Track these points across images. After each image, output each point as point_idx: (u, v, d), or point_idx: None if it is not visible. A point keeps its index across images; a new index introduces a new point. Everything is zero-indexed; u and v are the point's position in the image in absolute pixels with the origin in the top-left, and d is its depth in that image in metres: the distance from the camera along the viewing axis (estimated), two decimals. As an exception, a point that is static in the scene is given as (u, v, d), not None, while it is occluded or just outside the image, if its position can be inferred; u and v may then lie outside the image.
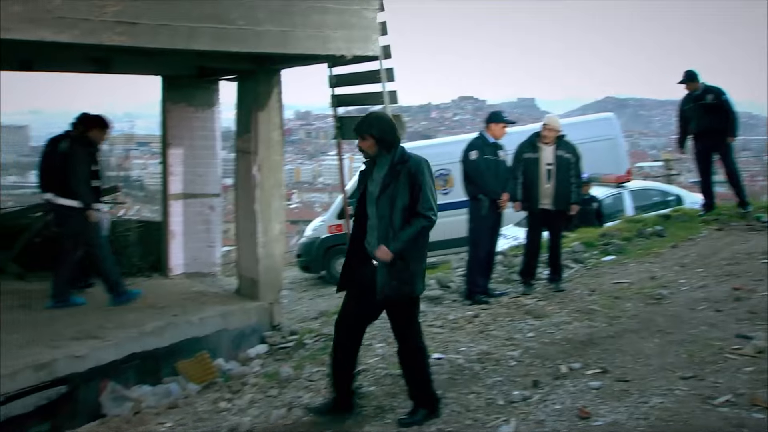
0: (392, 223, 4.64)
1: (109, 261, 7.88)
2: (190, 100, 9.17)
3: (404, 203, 4.63)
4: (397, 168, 4.66)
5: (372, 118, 4.81)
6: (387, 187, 4.66)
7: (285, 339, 7.71)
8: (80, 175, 7.54)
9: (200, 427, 5.46)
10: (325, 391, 5.59)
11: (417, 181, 4.63)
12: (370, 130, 4.70)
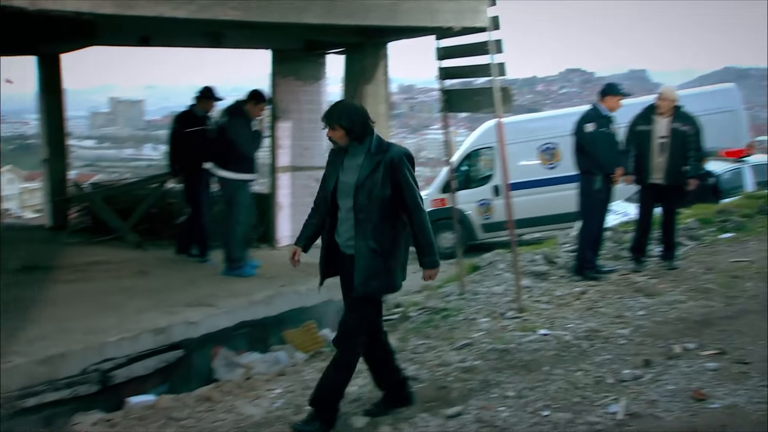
0: (370, 215, 4.30)
1: (241, 234, 8.12)
2: (298, 73, 9.31)
3: (384, 195, 4.28)
4: (375, 158, 4.31)
5: (341, 107, 4.46)
6: (365, 179, 4.30)
7: (389, 311, 7.77)
8: (241, 147, 7.79)
9: (308, 394, 5.57)
10: (431, 364, 5.61)
11: (399, 173, 4.29)
12: (339, 120, 4.34)
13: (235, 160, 7.84)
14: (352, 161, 4.39)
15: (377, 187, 4.27)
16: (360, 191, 4.30)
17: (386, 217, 4.32)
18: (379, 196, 4.27)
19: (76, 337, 5.82)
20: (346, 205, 4.39)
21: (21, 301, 6.61)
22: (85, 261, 8.53)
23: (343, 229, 4.44)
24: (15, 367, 5.26)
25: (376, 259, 4.31)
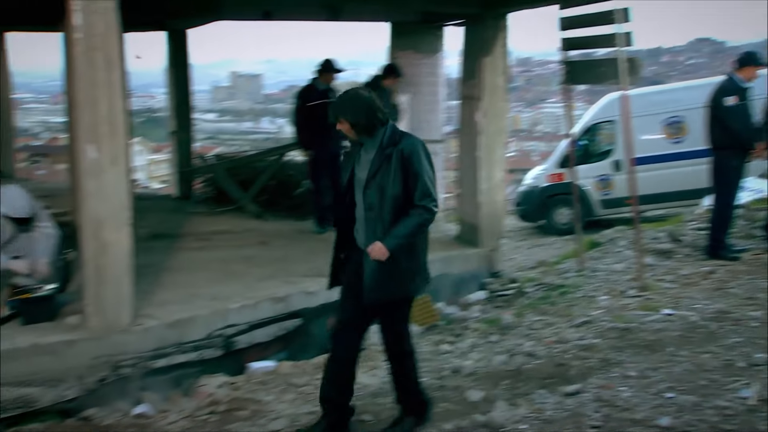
0: (381, 215, 3.96)
1: None
2: (416, 46, 9.28)
3: (395, 192, 3.93)
4: (386, 151, 3.95)
5: (345, 99, 4.07)
6: (375, 173, 3.96)
7: (504, 286, 7.70)
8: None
9: (423, 366, 5.58)
10: (548, 341, 5.53)
11: (411, 167, 3.91)
12: (343, 113, 4.02)
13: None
14: (366, 155, 4.07)
15: (388, 184, 3.93)
16: (369, 188, 3.98)
17: (401, 215, 3.95)
18: (391, 193, 3.93)
19: (202, 302, 6.06)
20: (360, 203, 4.09)
21: (151, 266, 6.94)
22: (209, 230, 8.86)
23: (360, 227, 4.12)
24: (147, 330, 5.54)
25: (390, 261, 3.93)
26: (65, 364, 5.13)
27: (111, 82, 5.18)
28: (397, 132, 4.03)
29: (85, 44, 5.08)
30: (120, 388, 5.33)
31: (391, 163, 3.93)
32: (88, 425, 4.93)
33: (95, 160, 5.18)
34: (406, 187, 3.93)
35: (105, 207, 5.24)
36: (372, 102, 4.01)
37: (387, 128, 4.02)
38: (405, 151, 3.92)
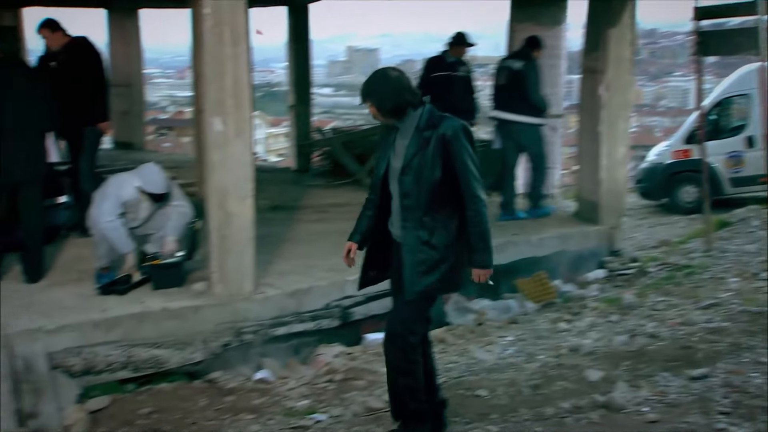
0: (418, 201, 3.69)
1: (543, 175, 8.28)
2: (537, 18, 9.06)
3: (434, 177, 3.65)
4: (424, 135, 3.69)
5: (371, 80, 3.77)
6: (412, 158, 3.68)
7: (625, 265, 7.48)
8: (536, 93, 7.94)
9: (540, 344, 5.55)
10: (672, 322, 5.33)
11: (454, 151, 3.64)
12: (369, 96, 3.75)
13: (530, 105, 7.93)
14: (401, 141, 3.77)
15: (426, 169, 3.66)
16: (406, 174, 3.70)
17: (440, 203, 3.70)
18: (429, 179, 3.66)
19: (320, 273, 6.17)
20: (395, 191, 3.81)
21: (271, 237, 7.13)
22: (326, 203, 9.01)
23: (396, 219, 3.85)
24: (267, 299, 5.70)
25: (429, 252, 3.70)
26: (192, 328, 5.36)
27: (237, 56, 5.31)
28: (436, 114, 3.76)
29: (213, 19, 5.23)
30: (242, 353, 5.53)
31: (429, 146, 3.67)
32: (213, 387, 5.13)
33: (221, 133, 5.34)
34: (446, 172, 3.67)
35: (229, 178, 5.41)
36: (400, 83, 3.72)
37: (423, 110, 3.75)
38: (447, 135, 3.66)
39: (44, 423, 4.35)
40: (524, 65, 7.98)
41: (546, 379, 4.81)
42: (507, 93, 8.06)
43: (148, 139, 17.59)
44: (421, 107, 3.75)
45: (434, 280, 3.74)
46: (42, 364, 4.73)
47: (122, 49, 13.10)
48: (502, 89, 8.14)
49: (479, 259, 3.75)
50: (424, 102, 3.77)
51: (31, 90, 5.67)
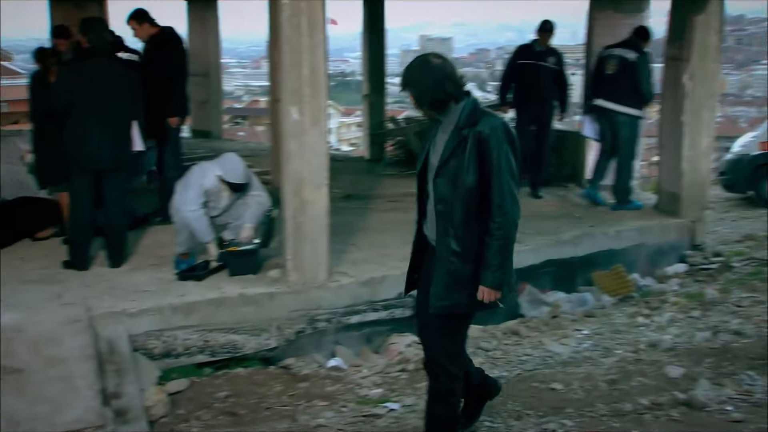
0: (452, 211, 3.32)
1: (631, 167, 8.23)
2: (617, 5, 8.85)
3: (470, 184, 3.26)
4: (462, 133, 3.29)
5: (410, 68, 3.38)
6: (448, 158, 3.31)
7: (707, 260, 7.26)
8: (647, 85, 7.87)
9: (617, 338, 5.43)
10: (758, 319, 5.14)
11: (488, 152, 3.24)
12: (407, 84, 3.38)
13: (637, 97, 7.88)
14: (442, 136, 3.41)
15: (462, 172, 3.28)
16: (441, 176, 3.34)
17: (476, 211, 3.31)
18: (465, 184, 3.28)
19: (393, 263, 6.15)
20: (430, 193, 3.45)
21: (344, 226, 7.16)
22: (399, 192, 8.98)
23: (430, 222, 3.51)
24: (341, 287, 5.73)
25: (460, 265, 3.34)
26: (267, 314, 5.43)
27: (314, 46, 5.34)
28: (478, 110, 3.34)
29: (291, 9, 5.26)
30: (316, 340, 5.58)
31: (466, 147, 3.27)
32: (287, 373, 5.20)
33: (297, 122, 5.38)
34: (483, 178, 3.27)
35: (305, 167, 5.45)
36: (441, 72, 3.33)
37: (466, 104, 3.35)
38: (483, 134, 3.26)
39: (127, 403, 4.47)
40: (638, 57, 7.88)
41: (624, 374, 4.72)
42: (615, 83, 7.96)
43: (224, 128, 17.90)
44: (464, 100, 3.36)
45: (462, 297, 3.37)
46: (125, 345, 4.87)
47: (201, 39, 13.33)
48: (609, 79, 8.02)
49: (489, 277, 3.31)
50: (468, 94, 3.40)
51: (117, 79, 5.82)
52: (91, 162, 5.73)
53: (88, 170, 5.78)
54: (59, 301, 5.17)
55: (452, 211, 3.32)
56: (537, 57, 8.34)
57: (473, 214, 3.31)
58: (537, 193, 8.57)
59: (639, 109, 7.94)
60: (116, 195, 5.90)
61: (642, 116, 8.05)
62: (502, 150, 3.25)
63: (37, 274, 5.69)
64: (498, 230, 3.27)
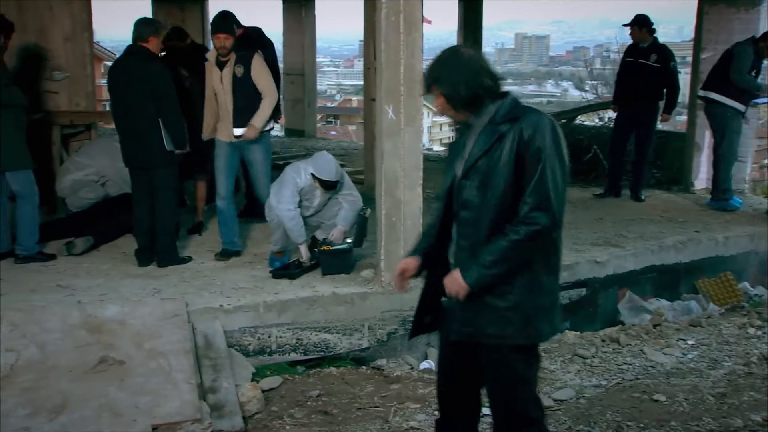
0: (480, 217, 2.80)
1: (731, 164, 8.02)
2: (731, 0, 8.46)
3: (504, 186, 2.75)
4: (500, 129, 2.78)
5: (439, 61, 2.89)
6: (479, 157, 2.80)
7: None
8: (745, 75, 7.67)
9: (726, 350, 5.17)
10: None
11: (534, 154, 2.72)
12: (436, 81, 2.86)
13: (736, 89, 7.70)
14: (471, 137, 2.91)
15: (496, 174, 2.76)
16: (469, 177, 2.82)
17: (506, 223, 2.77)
18: (499, 187, 2.76)
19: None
20: (456, 200, 2.92)
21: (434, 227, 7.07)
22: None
23: (453, 234, 2.97)
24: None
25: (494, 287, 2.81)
26: (359, 314, 5.41)
27: (410, 44, 5.28)
28: (519, 106, 2.86)
29: (388, 7, 5.21)
30: (408, 342, 5.51)
31: (503, 145, 2.76)
32: (379, 374, 5.16)
33: (393, 121, 5.33)
34: (519, 182, 2.75)
35: (400, 166, 5.39)
36: (477, 64, 2.84)
37: (504, 102, 2.85)
38: (526, 132, 2.74)
39: (222, 398, 4.51)
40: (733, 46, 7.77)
41: (733, 387, 4.49)
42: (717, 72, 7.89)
43: (318, 127, 18.11)
44: (501, 99, 2.87)
45: (502, 326, 2.84)
46: (221, 341, 4.93)
47: (296, 39, 13.50)
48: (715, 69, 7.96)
49: (468, 272, 2.79)
50: (506, 94, 2.89)
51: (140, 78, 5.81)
52: (138, 160, 5.91)
53: (133, 168, 5.96)
54: (159, 295, 5.28)
55: (479, 218, 2.80)
56: (639, 54, 8.07)
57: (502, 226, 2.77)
58: (639, 196, 8.30)
59: (737, 100, 7.71)
60: (163, 193, 5.95)
61: (738, 109, 7.75)
62: (546, 151, 2.72)
63: (138, 269, 5.85)
64: (512, 236, 2.73)
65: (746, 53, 7.59)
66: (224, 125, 6.12)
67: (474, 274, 2.77)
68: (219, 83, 6.01)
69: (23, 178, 5.81)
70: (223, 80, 5.98)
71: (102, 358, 4.54)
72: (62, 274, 5.70)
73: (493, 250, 2.75)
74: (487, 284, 2.78)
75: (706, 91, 7.94)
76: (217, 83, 6.02)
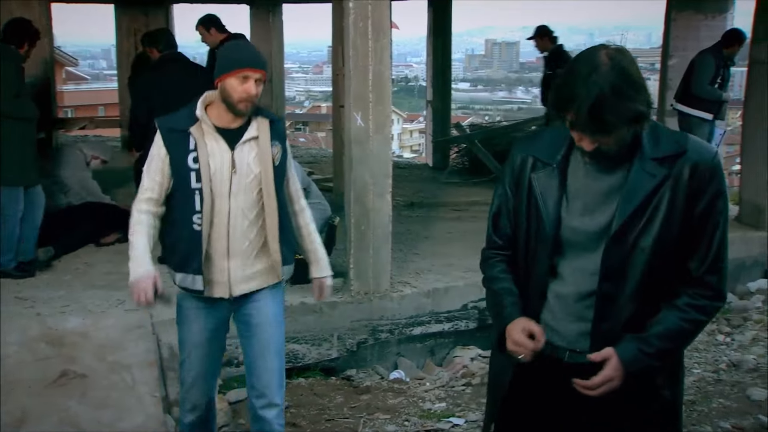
0: (623, 289, 2.12)
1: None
2: (698, 6, 8.57)
3: (662, 245, 2.08)
4: (659, 171, 2.07)
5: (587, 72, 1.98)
6: (638, 212, 2.08)
7: None
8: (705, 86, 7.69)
9: (695, 357, 5.20)
10: None
11: (707, 205, 2.08)
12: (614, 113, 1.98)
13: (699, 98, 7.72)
14: (593, 176, 2.16)
15: (652, 230, 2.08)
16: (620, 241, 2.10)
17: (667, 293, 2.14)
18: (653, 246, 2.09)
19: (457, 273, 6.01)
20: (572, 267, 2.20)
21: (407, 234, 7.04)
22: (464, 201, 8.83)
23: (557, 315, 2.24)
24: (404, 297, 5.60)
25: (647, 389, 2.19)
26: (328, 324, 5.33)
27: (378, 50, 5.23)
28: (666, 132, 2.17)
29: (356, 13, 5.16)
30: (378, 352, 5.46)
31: (663, 190, 2.07)
32: (348, 385, 5.10)
33: (362, 128, 5.28)
34: (685, 233, 2.10)
35: (369, 174, 5.33)
36: (639, 74, 2.04)
37: (649, 129, 2.11)
38: (701, 172, 2.07)
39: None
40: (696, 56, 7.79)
41: (703, 395, 4.50)
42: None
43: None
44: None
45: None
46: (185, 353, 4.82)
47: (264, 45, 13.37)
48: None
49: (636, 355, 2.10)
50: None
51: (189, 82, 5.78)
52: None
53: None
54: (123, 306, 5.16)
55: (621, 291, 2.12)
56: (545, 64, 8.63)
57: (661, 297, 2.13)
58: None
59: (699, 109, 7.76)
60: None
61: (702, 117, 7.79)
62: (726, 199, 2.13)
63: (101, 280, 5.72)
64: (698, 310, 2.12)
65: (707, 63, 7.64)
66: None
67: (642, 357, 2.10)
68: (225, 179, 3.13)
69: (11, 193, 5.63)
70: (239, 169, 3.13)
71: (63, 371, 4.41)
72: (21, 285, 5.54)
73: (674, 328, 2.11)
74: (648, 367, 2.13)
75: (675, 102, 8.03)
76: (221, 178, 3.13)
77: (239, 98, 3.04)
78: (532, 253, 2.25)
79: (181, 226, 3.15)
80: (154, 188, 3.14)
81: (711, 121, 7.70)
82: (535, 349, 2.16)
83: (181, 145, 3.08)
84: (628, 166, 2.10)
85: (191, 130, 3.07)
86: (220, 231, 3.13)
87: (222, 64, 3.08)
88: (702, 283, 2.11)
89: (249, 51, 3.17)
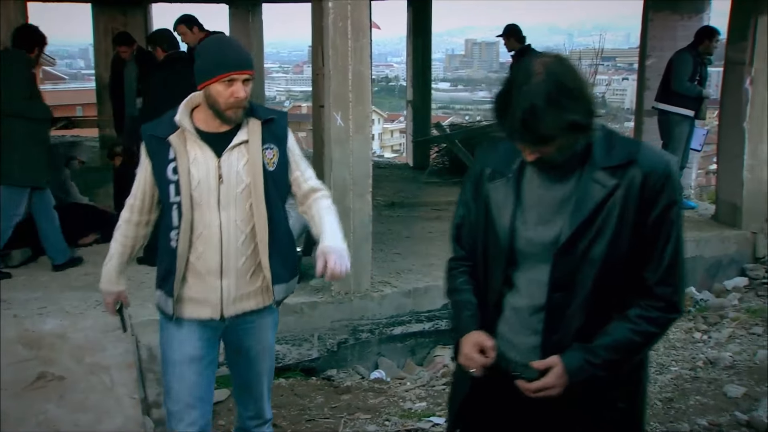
0: (574, 300, 2.07)
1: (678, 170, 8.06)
2: (675, 6, 8.63)
3: (614, 256, 2.03)
4: (613, 177, 2.03)
5: (532, 77, 1.95)
6: (588, 223, 2.03)
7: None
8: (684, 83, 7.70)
9: (673, 354, 5.23)
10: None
11: (661, 215, 2.03)
12: (556, 117, 1.93)
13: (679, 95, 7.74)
14: (546, 186, 2.12)
15: (602, 240, 2.03)
16: (569, 252, 2.05)
17: (618, 304, 2.08)
18: (604, 257, 2.03)
19: (438, 273, 5.97)
20: (527, 278, 2.14)
21: (388, 234, 7.04)
22: (444, 200, 8.82)
23: (513, 328, 2.19)
24: (384, 297, 5.60)
25: (602, 400, 2.14)
26: (309, 324, 5.33)
27: (358, 50, 5.23)
28: (619, 140, 2.11)
29: (336, 13, 5.16)
30: (358, 351, 5.46)
31: (613, 201, 2.02)
32: (329, 385, 5.09)
33: (341, 128, 5.27)
34: (638, 249, 2.05)
35: (349, 173, 5.33)
36: (584, 79, 2.03)
37: (600, 134, 2.08)
38: (653, 181, 2.02)
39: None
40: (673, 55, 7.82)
41: (680, 392, 4.53)
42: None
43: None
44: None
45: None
46: (164, 355, 4.79)
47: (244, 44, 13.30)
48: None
49: (580, 364, 2.06)
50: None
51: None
52: None
53: None
54: (101, 308, 5.12)
55: (571, 302, 2.08)
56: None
57: (616, 309, 2.09)
58: None
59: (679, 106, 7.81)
60: None
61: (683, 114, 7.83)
62: (677, 206, 2.06)
63: (79, 281, 5.67)
64: (649, 322, 2.06)
65: (685, 60, 7.70)
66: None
67: (587, 368, 2.06)
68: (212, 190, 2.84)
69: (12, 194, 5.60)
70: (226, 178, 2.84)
71: (40, 373, 4.37)
72: (-2, 287, 5.49)
73: (616, 343, 2.06)
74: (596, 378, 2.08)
75: (655, 102, 8.06)
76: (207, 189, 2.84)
77: (227, 105, 2.74)
78: (488, 264, 2.22)
79: (163, 241, 2.88)
80: (137, 195, 2.94)
81: (691, 119, 7.76)
82: (485, 364, 2.14)
83: (161, 154, 2.80)
84: (579, 174, 2.07)
85: (170, 139, 2.76)
86: (211, 247, 2.81)
87: (203, 68, 2.75)
88: (654, 294, 2.05)
89: (232, 49, 2.84)
